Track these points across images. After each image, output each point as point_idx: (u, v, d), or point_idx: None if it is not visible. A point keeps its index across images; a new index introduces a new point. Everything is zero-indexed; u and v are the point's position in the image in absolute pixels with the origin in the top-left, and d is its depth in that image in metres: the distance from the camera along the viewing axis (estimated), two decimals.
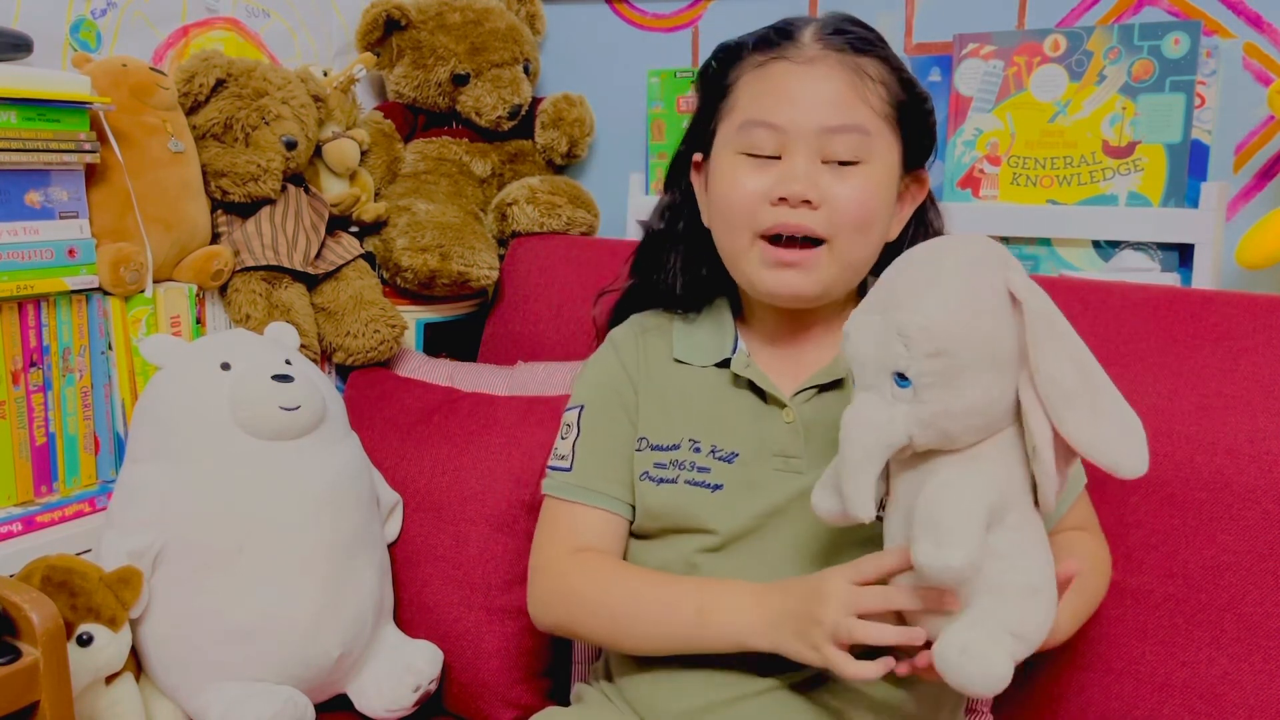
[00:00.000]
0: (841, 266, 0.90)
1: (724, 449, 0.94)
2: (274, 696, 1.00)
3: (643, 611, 0.90)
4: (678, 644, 0.89)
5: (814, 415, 0.92)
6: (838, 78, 0.88)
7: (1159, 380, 1.01)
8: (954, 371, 0.71)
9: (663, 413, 0.97)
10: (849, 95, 0.88)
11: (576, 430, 1.00)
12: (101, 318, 1.13)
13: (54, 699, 0.80)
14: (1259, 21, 1.22)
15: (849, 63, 0.89)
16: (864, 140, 0.88)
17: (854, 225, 0.88)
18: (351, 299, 1.33)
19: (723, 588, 0.88)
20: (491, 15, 1.53)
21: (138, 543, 1.00)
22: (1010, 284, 0.72)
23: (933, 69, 1.34)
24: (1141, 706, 0.98)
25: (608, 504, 0.97)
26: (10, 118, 1.02)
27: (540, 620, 0.99)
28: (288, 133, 1.27)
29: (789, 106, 0.88)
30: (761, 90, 0.90)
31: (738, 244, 0.92)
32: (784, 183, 0.87)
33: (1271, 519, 0.94)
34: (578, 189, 1.56)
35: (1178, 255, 1.22)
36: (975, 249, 0.76)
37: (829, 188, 0.87)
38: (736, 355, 0.97)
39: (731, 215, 0.91)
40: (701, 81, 0.98)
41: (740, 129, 0.91)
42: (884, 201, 0.91)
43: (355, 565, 1.09)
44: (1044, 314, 0.72)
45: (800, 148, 0.88)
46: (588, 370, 1.04)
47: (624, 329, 1.04)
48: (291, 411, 1.05)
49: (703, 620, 0.86)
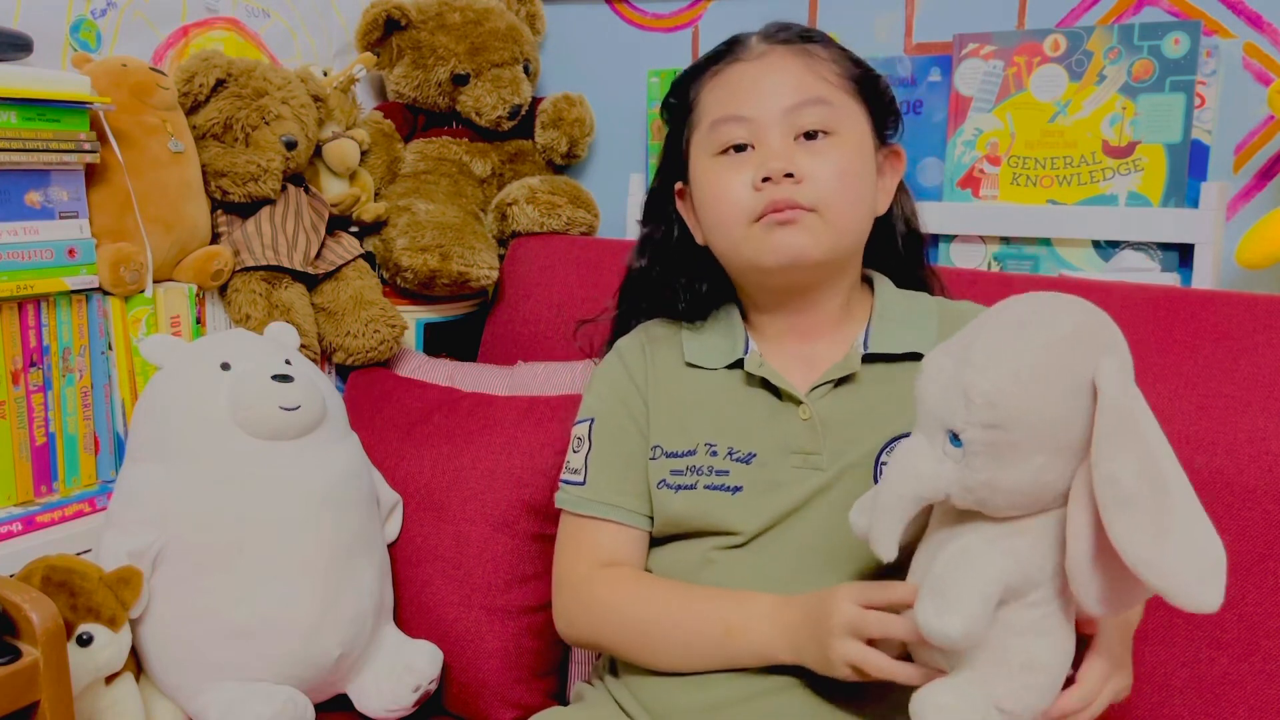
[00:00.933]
0: (837, 232, 0.91)
1: (741, 450, 0.93)
2: (274, 696, 1.00)
3: (671, 633, 0.91)
4: (706, 662, 0.89)
5: (830, 411, 0.92)
6: (790, 62, 0.93)
7: (1159, 380, 1.01)
8: (1008, 447, 0.68)
9: (676, 419, 0.97)
10: (804, 74, 0.92)
11: (589, 444, 1.00)
12: (101, 318, 1.13)
13: (54, 699, 0.80)
14: (1259, 21, 1.22)
15: (796, 49, 0.94)
16: (828, 110, 0.91)
17: (837, 193, 0.90)
18: (351, 299, 1.33)
19: (746, 604, 0.88)
20: (491, 15, 1.53)
21: (138, 543, 1.00)
22: (1097, 372, 0.67)
23: (933, 69, 1.34)
24: (1141, 706, 0.98)
25: (625, 517, 0.97)
26: (10, 118, 1.02)
27: (567, 635, 1.00)
28: (288, 133, 1.27)
29: (751, 97, 0.92)
30: (722, 92, 0.95)
31: (735, 235, 0.92)
32: (763, 164, 0.90)
33: (1271, 519, 0.94)
34: (578, 189, 1.56)
35: (1178, 255, 1.22)
36: (1072, 323, 0.70)
37: (806, 164, 0.90)
38: (749, 355, 0.96)
39: (723, 211, 0.93)
40: (666, 110, 1.02)
41: (710, 130, 0.94)
42: (862, 168, 0.93)
43: (355, 565, 1.09)
44: (1121, 409, 0.66)
45: (770, 131, 0.91)
46: (596, 382, 1.04)
47: (630, 338, 1.05)
48: (291, 411, 1.05)
49: (731, 640, 0.88)
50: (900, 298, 0.99)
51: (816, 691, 0.87)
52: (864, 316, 0.97)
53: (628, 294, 1.07)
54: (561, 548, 1.00)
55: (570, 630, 0.99)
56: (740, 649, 0.87)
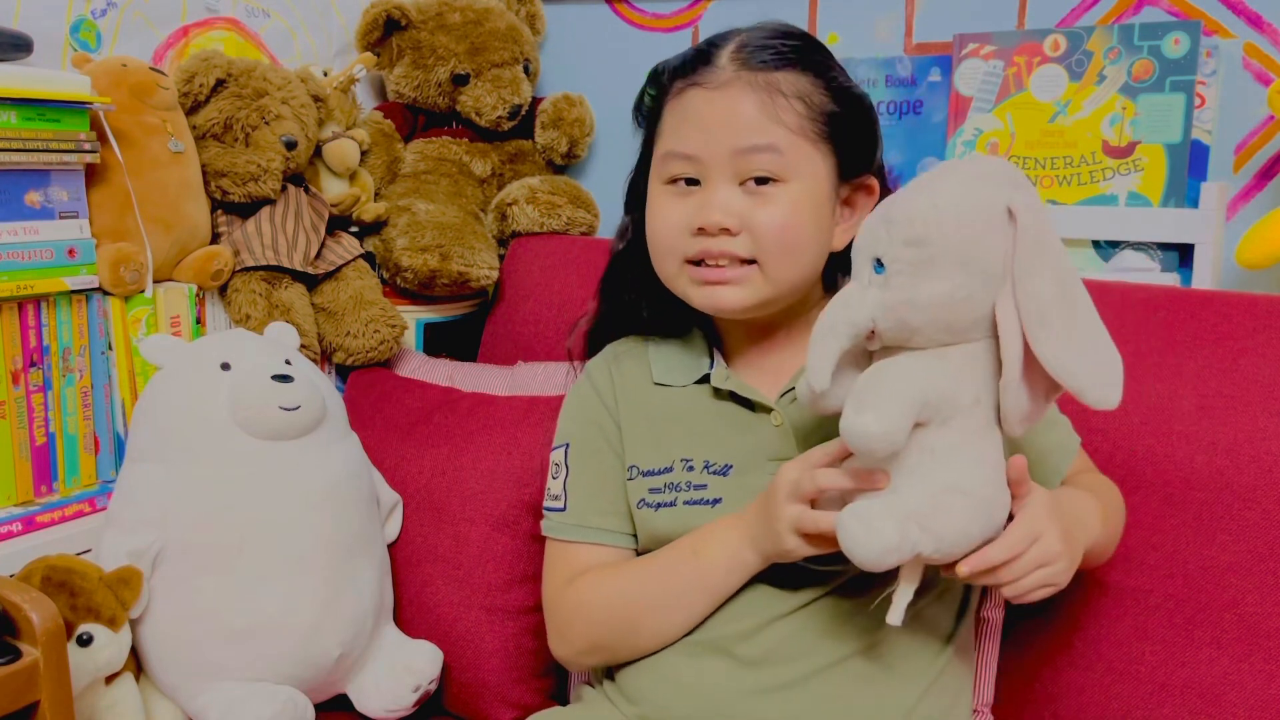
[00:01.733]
0: (775, 284, 0.90)
1: (717, 463, 0.94)
2: (274, 696, 1.00)
3: (650, 586, 0.92)
4: (688, 595, 0.90)
5: (802, 415, 0.93)
6: (748, 99, 0.88)
7: (1159, 380, 1.01)
8: (925, 262, 0.72)
9: (650, 437, 0.98)
10: (758, 117, 0.88)
11: (565, 469, 1.01)
12: (101, 318, 1.13)
13: (54, 699, 0.80)
14: (1259, 21, 1.22)
15: (760, 82, 0.88)
16: (778, 159, 0.88)
17: (778, 247, 0.89)
18: (351, 299, 1.33)
19: (708, 526, 0.91)
20: (491, 15, 1.53)
21: (138, 543, 1.00)
22: (1011, 201, 0.73)
23: (933, 69, 1.34)
24: (1141, 707, 0.98)
25: (607, 538, 0.98)
26: (10, 118, 1.02)
27: (567, 655, 1.00)
28: (288, 133, 1.27)
29: (701, 134, 0.89)
30: (678, 120, 0.92)
31: (668, 269, 0.94)
32: (700, 213, 0.89)
33: (1271, 519, 0.94)
34: (578, 189, 1.56)
35: (1178, 255, 1.22)
36: (986, 166, 0.77)
37: (749, 213, 0.88)
38: (715, 370, 0.97)
39: (659, 244, 0.93)
40: (637, 109, 1.00)
41: (662, 160, 0.93)
42: (810, 218, 0.90)
43: (355, 565, 1.09)
44: (1036, 233, 0.72)
45: (715, 174, 0.89)
46: (568, 406, 1.05)
47: (598, 361, 1.05)
48: (291, 411, 1.05)
49: (699, 558, 0.90)
50: None
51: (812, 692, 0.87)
52: None
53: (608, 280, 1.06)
54: (548, 572, 1.01)
55: (567, 645, 0.98)
56: (709, 564, 0.89)
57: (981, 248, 0.72)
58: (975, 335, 0.75)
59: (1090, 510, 0.87)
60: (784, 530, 0.82)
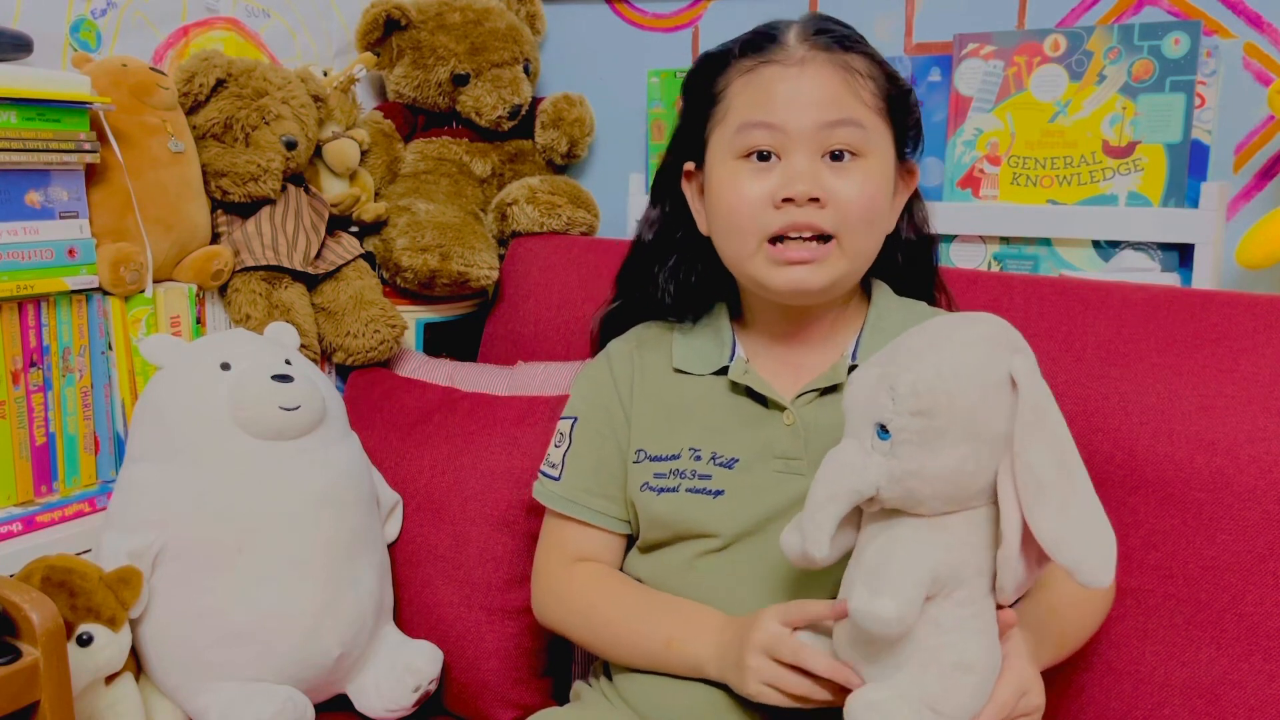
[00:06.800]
0: (850, 259, 0.90)
1: (724, 455, 0.94)
2: (274, 696, 1.00)
3: (622, 635, 0.96)
4: (650, 666, 0.94)
5: (814, 418, 0.93)
6: (829, 76, 0.89)
7: (1159, 380, 1.01)
8: (933, 434, 0.72)
9: (662, 423, 0.98)
10: (842, 92, 0.89)
11: (568, 441, 1.02)
12: (101, 318, 1.13)
13: (54, 699, 0.80)
14: (1259, 21, 1.22)
15: (838, 60, 0.90)
16: (861, 134, 0.89)
17: (861, 220, 0.89)
18: (351, 299, 1.33)
19: (693, 620, 0.91)
20: (491, 15, 1.53)
21: (138, 543, 1.00)
22: (1012, 368, 0.72)
23: (933, 69, 1.34)
24: (1141, 707, 0.98)
25: (595, 519, 1.00)
26: (10, 118, 1.02)
27: (540, 619, 1.05)
28: (288, 133, 1.27)
29: (785, 107, 0.88)
30: (755, 94, 0.90)
31: (744, 249, 0.91)
32: (789, 183, 0.87)
33: (1271, 519, 0.94)
34: (578, 189, 1.56)
35: (1178, 255, 1.22)
36: (987, 328, 0.76)
37: (832, 185, 0.88)
38: (734, 362, 0.97)
39: (737, 221, 0.91)
40: (688, 91, 0.98)
41: (738, 132, 0.90)
42: (885, 194, 0.92)
43: (355, 565, 1.09)
44: (1037, 405, 0.72)
45: (800, 146, 0.88)
46: (582, 381, 1.05)
47: (621, 343, 1.05)
48: (291, 411, 1.05)
49: (669, 651, 0.91)
50: (896, 306, 0.99)
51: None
52: (857, 325, 0.97)
53: (629, 271, 1.06)
54: (542, 539, 1.06)
55: (542, 617, 1.04)
56: (676, 661, 0.91)
57: (988, 416, 0.72)
58: (977, 503, 0.75)
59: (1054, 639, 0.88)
60: (750, 679, 0.83)
